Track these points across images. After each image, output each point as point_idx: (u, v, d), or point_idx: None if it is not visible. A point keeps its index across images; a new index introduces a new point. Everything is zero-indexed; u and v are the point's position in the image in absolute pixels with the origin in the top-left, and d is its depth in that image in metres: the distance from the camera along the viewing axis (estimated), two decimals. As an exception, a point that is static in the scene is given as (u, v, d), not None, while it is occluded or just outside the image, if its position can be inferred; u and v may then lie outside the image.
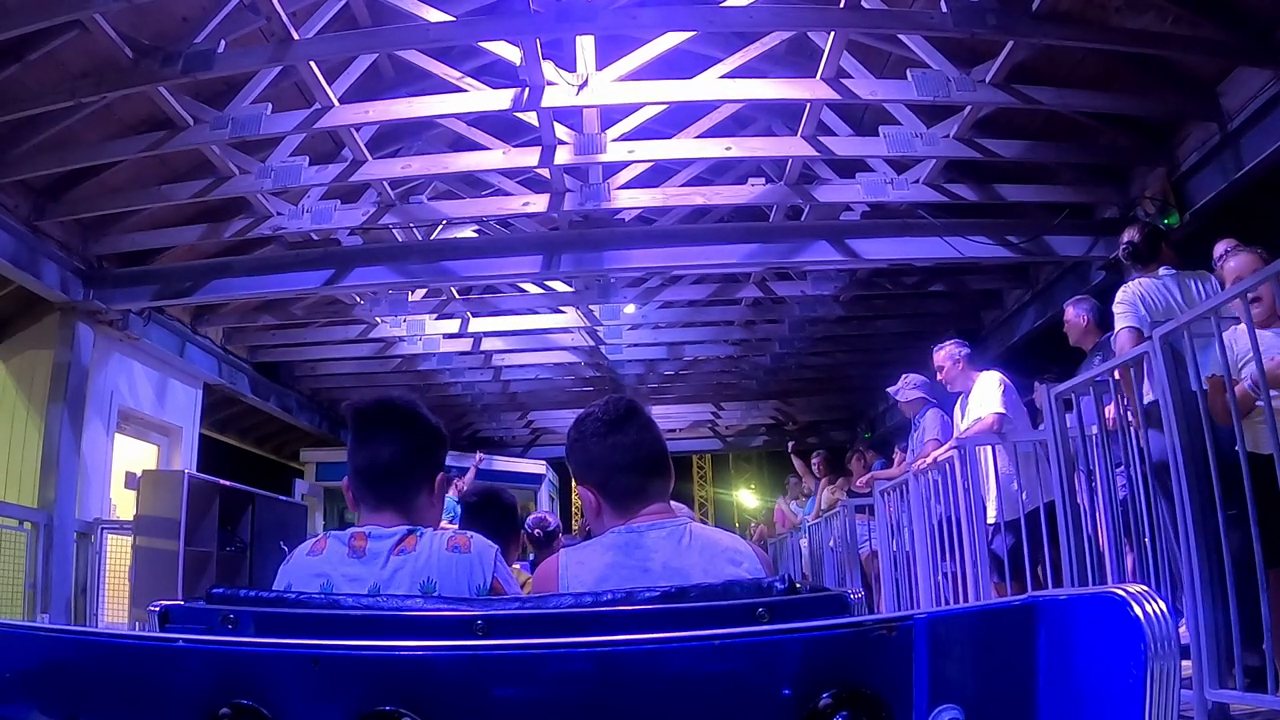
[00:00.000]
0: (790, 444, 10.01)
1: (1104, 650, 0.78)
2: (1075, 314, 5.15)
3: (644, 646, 0.85)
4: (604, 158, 5.45)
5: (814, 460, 7.84)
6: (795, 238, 6.26)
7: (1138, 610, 0.77)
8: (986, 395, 4.49)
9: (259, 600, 1.15)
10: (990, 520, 4.32)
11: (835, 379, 11.60)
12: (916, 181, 6.37)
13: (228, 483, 5.76)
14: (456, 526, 3.01)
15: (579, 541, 2.02)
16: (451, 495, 5.84)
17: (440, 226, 7.06)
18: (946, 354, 4.86)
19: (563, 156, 5.47)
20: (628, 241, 6.18)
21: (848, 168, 6.53)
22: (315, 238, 6.65)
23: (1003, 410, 4.40)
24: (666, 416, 12.66)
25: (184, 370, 8.85)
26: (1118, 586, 0.81)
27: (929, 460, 4.50)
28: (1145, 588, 0.80)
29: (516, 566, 3.08)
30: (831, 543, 6.73)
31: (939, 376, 4.91)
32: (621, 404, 1.65)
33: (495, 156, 5.62)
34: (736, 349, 10.04)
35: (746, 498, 20.45)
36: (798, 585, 1.11)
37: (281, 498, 5.80)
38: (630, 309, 8.79)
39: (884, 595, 5.50)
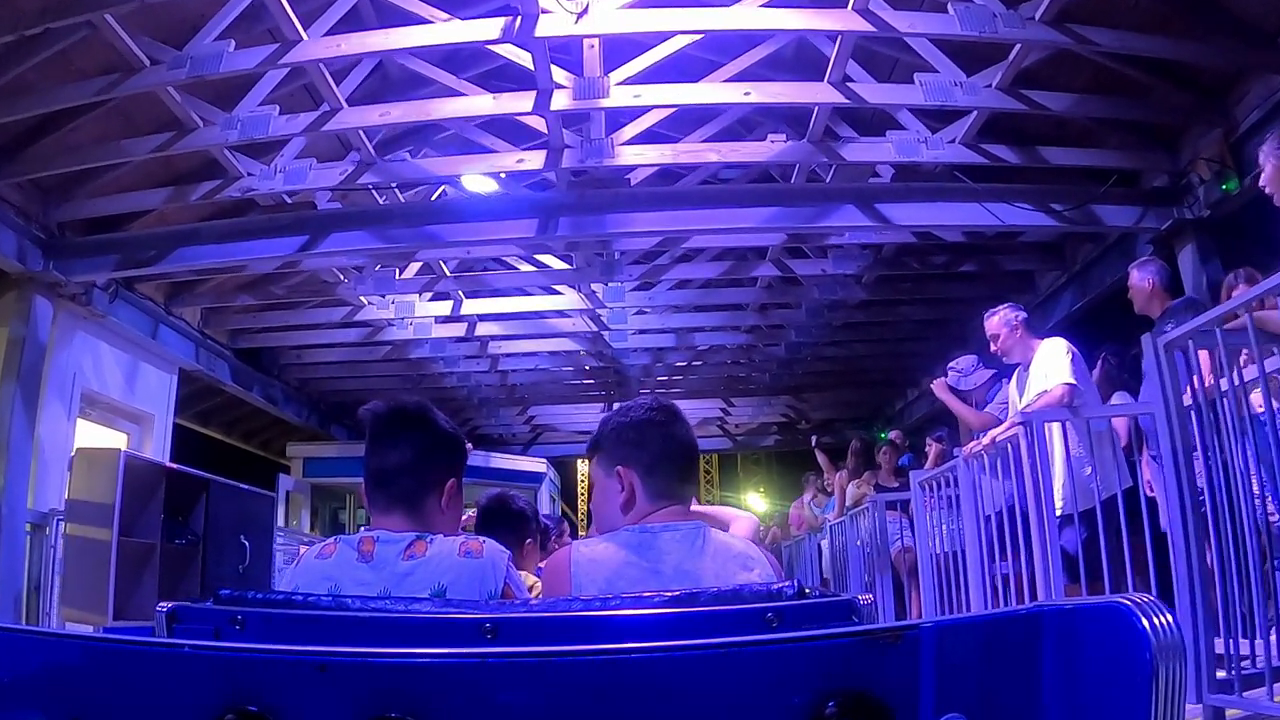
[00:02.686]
0: (814, 437, 9.36)
1: (1110, 660, 0.78)
2: (1140, 277, 4.55)
3: (652, 654, 0.86)
4: (606, 103, 4.84)
5: (850, 448, 7.18)
6: (820, 201, 5.64)
7: (1144, 621, 0.76)
8: (1053, 364, 3.85)
9: (267, 602, 1.15)
10: (1057, 512, 3.68)
11: (852, 372, 10.95)
12: (953, 141, 5.75)
13: (176, 465, 5.15)
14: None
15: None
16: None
17: (440, 192, 6.47)
18: (1002, 319, 4.21)
19: (560, 102, 4.86)
20: (633, 204, 5.56)
21: (875, 126, 5.93)
22: (289, 201, 6.06)
23: (1073, 381, 3.75)
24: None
25: (157, 354, 8.26)
26: (1124, 596, 0.79)
27: (986, 442, 3.85)
28: (1152, 597, 0.78)
29: (523, 573, 2.81)
30: (860, 542, 6.07)
31: (993, 346, 4.27)
32: (668, 403, 1.66)
33: (484, 102, 5.01)
34: (749, 337, 9.39)
35: (755, 501, 19.76)
36: (808, 590, 1.11)
37: (244, 486, 5.17)
38: (634, 294, 8.16)
39: (923, 601, 4.83)
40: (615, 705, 0.82)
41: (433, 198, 6.27)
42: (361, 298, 7.84)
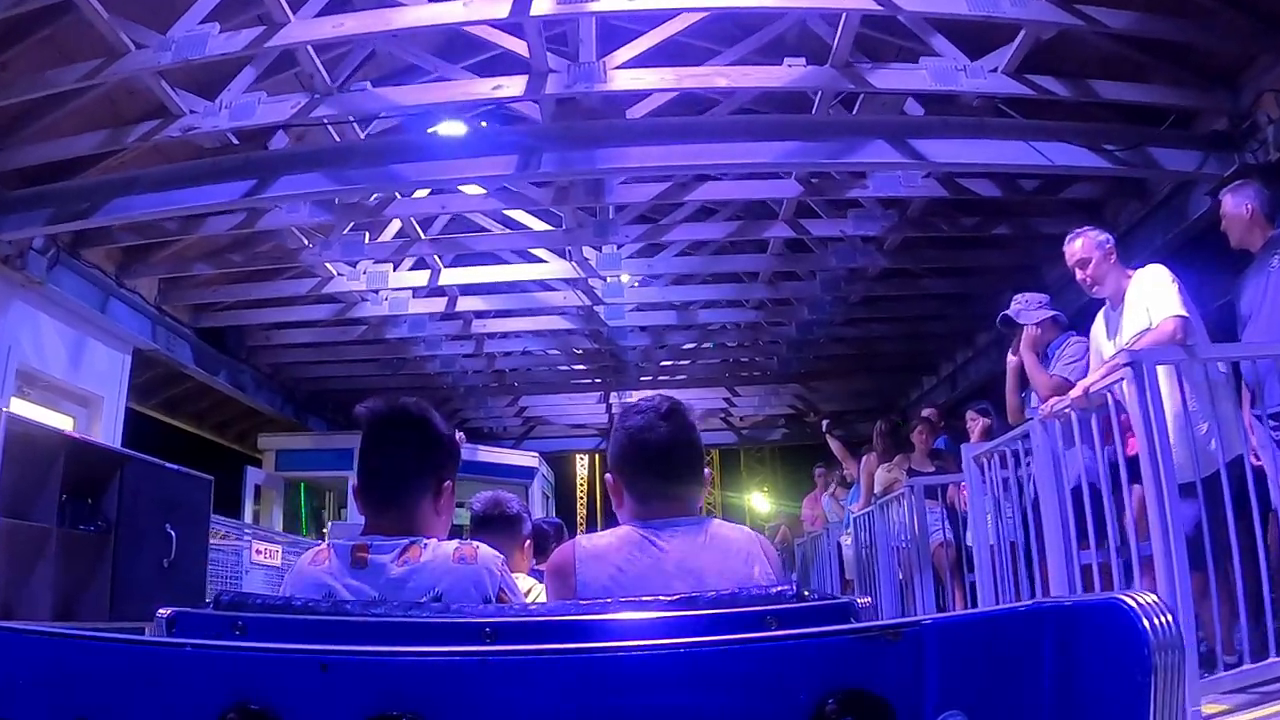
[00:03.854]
0: (825, 422, 8.58)
1: (1109, 659, 0.78)
2: (1235, 203, 3.80)
3: (653, 653, 0.86)
4: (595, 6, 4.10)
5: (877, 429, 6.36)
6: (846, 135, 4.88)
7: (1144, 620, 0.76)
8: (1158, 295, 3.12)
9: (267, 607, 1.19)
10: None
11: (867, 357, 10.19)
12: (994, 70, 5.02)
13: (80, 435, 4.39)
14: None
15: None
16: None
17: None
18: (1091, 241, 3.45)
19: (542, 6, 4.13)
20: (629, 137, 4.81)
21: (907, 55, 5.21)
22: (236, 142, 5.32)
23: (1185, 313, 3.01)
24: (674, 403, 11.21)
25: (107, 330, 7.51)
26: (1125, 594, 0.79)
27: (1077, 394, 3.09)
28: (1155, 597, 0.79)
29: (518, 575, 2.83)
30: (905, 537, 5.23)
31: (1080, 274, 3.51)
32: (665, 403, 1.64)
33: (454, 9, 4.27)
34: (757, 314, 8.62)
35: (759, 501, 18.92)
36: (807, 593, 1.12)
37: (171, 466, 4.39)
38: (631, 261, 7.39)
39: (981, 601, 4.06)
40: (616, 704, 0.83)
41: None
42: (328, 265, 7.09)
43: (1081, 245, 3.48)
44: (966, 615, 0.92)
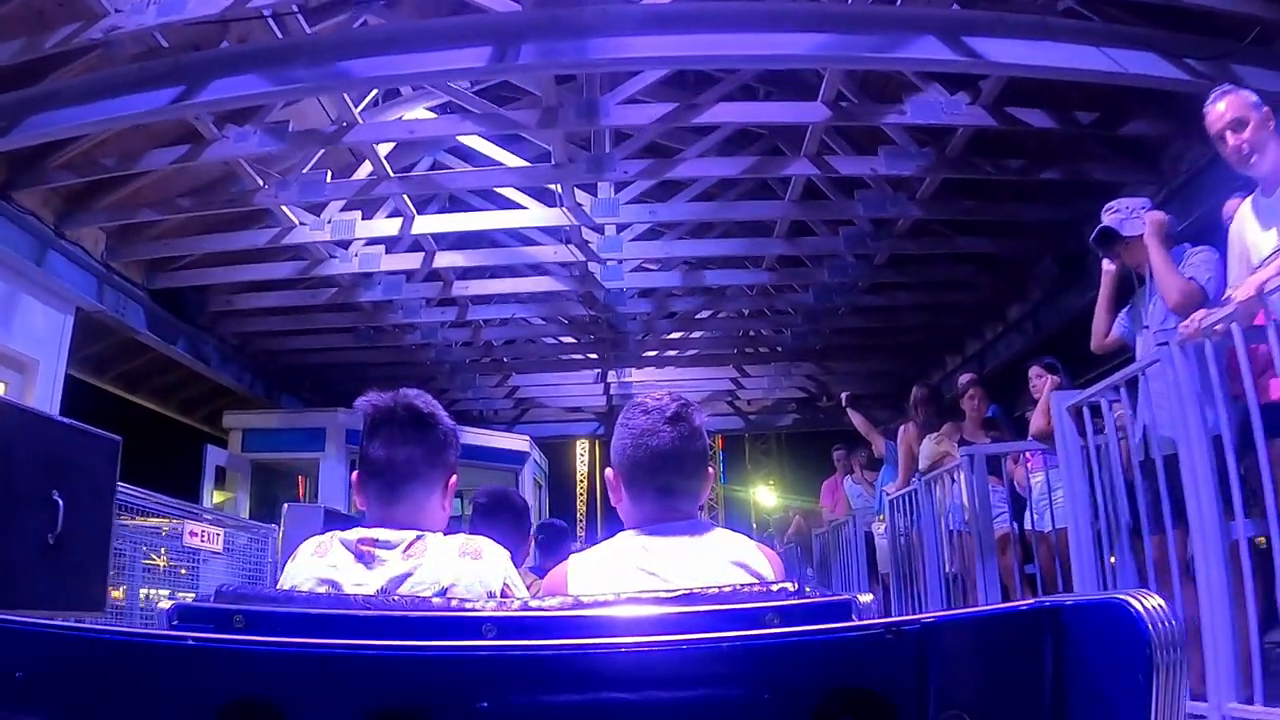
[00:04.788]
0: (844, 395, 7.77)
1: (1111, 658, 0.77)
2: None
3: (654, 650, 0.86)
4: None
5: (915, 398, 5.50)
6: (890, 28, 4.07)
7: (1145, 618, 0.76)
8: None
9: (268, 599, 1.20)
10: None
11: (888, 332, 9.38)
12: (1060, -37, 4.25)
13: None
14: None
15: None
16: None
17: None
18: (1242, 100, 2.64)
19: None
20: (626, 25, 4.01)
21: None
22: (166, 45, 4.54)
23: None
24: (679, 385, 10.38)
25: (44, 286, 6.73)
26: (1127, 593, 0.78)
27: (1243, 296, 2.30)
28: (1157, 596, 0.77)
29: (524, 569, 2.73)
30: (961, 519, 4.36)
31: (1233, 140, 2.67)
32: (671, 405, 1.59)
33: None
34: (772, 276, 7.81)
35: (765, 495, 18.04)
36: (808, 590, 1.09)
37: (61, 419, 3.57)
38: (630, 207, 6.57)
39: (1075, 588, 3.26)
40: (618, 700, 0.83)
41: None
42: (287, 210, 6.28)
43: (1229, 104, 2.66)
44: (968, 614, 0.82)
